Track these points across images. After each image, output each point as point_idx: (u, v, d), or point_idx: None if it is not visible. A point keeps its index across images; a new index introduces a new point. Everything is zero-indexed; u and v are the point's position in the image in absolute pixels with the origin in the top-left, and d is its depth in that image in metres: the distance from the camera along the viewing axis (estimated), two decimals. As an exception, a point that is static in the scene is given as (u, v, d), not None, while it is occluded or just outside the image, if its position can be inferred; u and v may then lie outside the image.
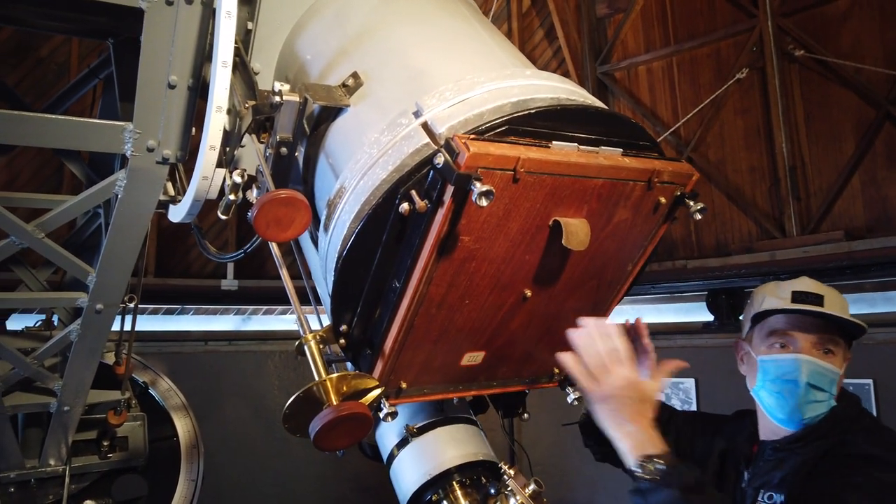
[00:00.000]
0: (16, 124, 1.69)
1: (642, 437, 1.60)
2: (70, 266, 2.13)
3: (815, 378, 1.93)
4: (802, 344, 1.97)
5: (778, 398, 1.99)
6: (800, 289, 2.01)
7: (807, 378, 1.93)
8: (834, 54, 5.51)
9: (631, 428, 1.60)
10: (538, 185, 1.37)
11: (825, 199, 5.53)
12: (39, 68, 5.73)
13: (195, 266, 6.36)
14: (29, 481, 3.02)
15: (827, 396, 1.94)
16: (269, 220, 1.38)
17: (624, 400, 1.61)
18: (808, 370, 1.94)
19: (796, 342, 1.98)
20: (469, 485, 1.75)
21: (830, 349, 1.98)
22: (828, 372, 1.94)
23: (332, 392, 1.37)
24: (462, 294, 1.49)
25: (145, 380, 3.79)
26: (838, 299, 2.02)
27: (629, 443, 1.60)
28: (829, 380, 1.94)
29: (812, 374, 1.93)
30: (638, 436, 1.60)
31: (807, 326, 1.98)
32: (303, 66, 1.87)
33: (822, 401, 1.94)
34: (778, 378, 1.98)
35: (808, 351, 1.96)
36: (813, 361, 1.94)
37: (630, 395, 1.61)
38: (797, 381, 1.94)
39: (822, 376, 1.94)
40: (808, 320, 1.98)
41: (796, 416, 1.96)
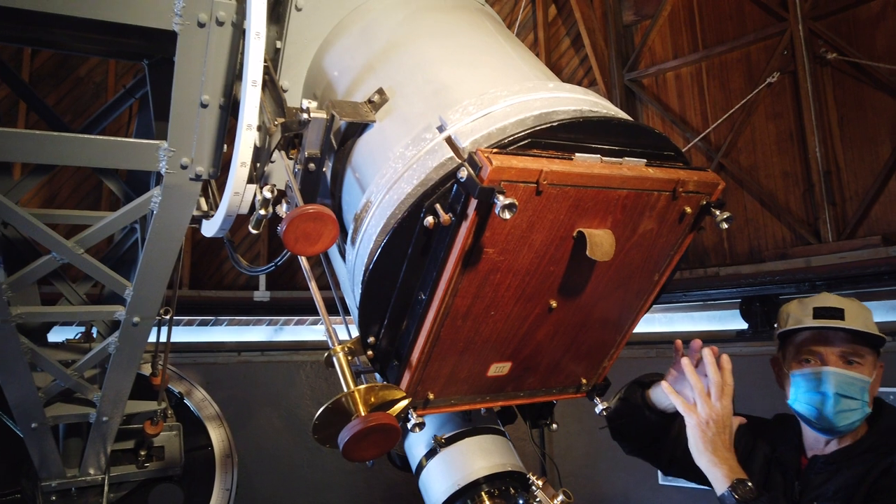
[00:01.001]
0: (57, 145, 1.75)
1: (733, 464, 1.81)
2: (108, 280, 2.20)
3: (844, 388, 2.04)
4: (828, 357, 2.10)
5: (811, 410, 2.09)
6: (821, 304, 2.14)
7: (836, 389, 2.04)
8: (867, 56, 5.41)
9: (724, 454, 1.81)
10: (562, 196, 1.38)
11: (861, 203, 5.41)
12: (78, 88, 5.92)
13: (228, 278, 6.48)
14: (70, 490, 3.11)
15: (859, 404, 2.04)
16: (298, 234, 1.41)
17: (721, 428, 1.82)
18: (835, 381, 2.05)
19: (822, 356, 2.11)
20: (498, 495, 1.76)
21: (855, 360, 2.09)
22: (855, 380, 2.05)
23: (360, 403, 1.39)
24: (487, 305, 1.50)
25: (181, 390, 3.87)
26: (860, 311, 2.13)
27: (724, 469, 1.81)
28: (859, 388, 2.05)
29: (840, 385, 2.04)
30: (730, 462, 1.81)
31: (830, 340, 2.11)
32: (330, 83, 1.91)
33: (854, 409, 2.04)
34: (810, 391, 2.10)
35: (834, 363, 2.08)
36: (839, 372, 2.06)
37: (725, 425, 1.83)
38: (827, 393, 2.06)
39: (851, 385, 2.04)
40: (831, 334, 2.10)
41: (831, 425, 2.06)
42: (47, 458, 2.92)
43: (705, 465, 1.82)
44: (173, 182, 1.82)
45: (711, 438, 1.82)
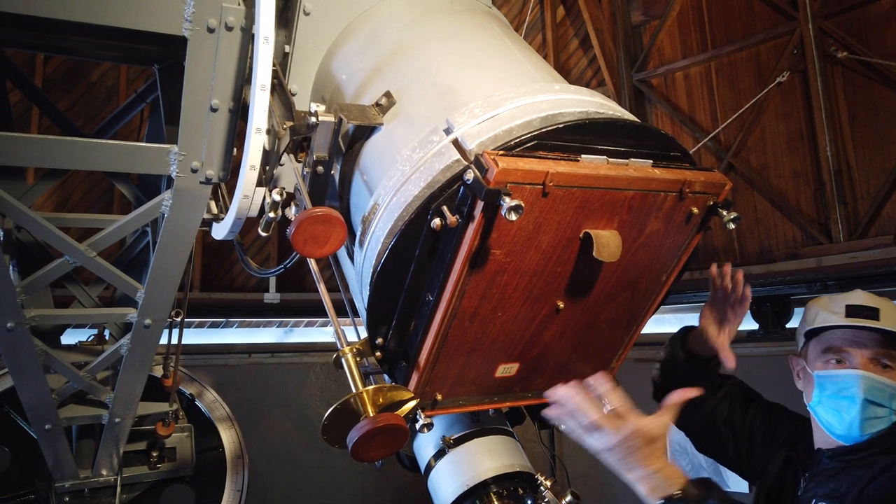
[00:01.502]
0: (70, 150, 1.78)
1: (657, 479, 1.58)
2: (120, 283, 2.22)
3: (873, 394, 1.89)
4: (859, 359, 1.94)
5: (836, 414, 1.95)
6: (854, 302, 1.98)
7: (864, 394, 1.89)
8: (878, 55, 5.38)
9: (643, 472, 1.59)
10: (568, 198, 1.38)
11: (873, 202, 5.37)
12: (90, 92, 5.98)
13: (238, 280, 6.52)
14: (83, 491, 3.13)
15: (888, 412, 1.90)
16: (307, 237, 1.42)
17: (629, 449, 1.59)
18: (865, 386, 1.90)
19: (852, 358, 1.95)
20: (506, 496, 1.77)
21: (888, 364, 1.93)
22: (887, 387, 1.90)
23: (368, 404, 1.40)
24: (495, 306, 1.51)
25: (192, 392, 3.90)
26: (894, 311, 1.97)
27: (646, 487, 1.60)
28: (889, 395, 1.90)
29: (870, 390, 1.90)
30: (652, 479, 1.59)
31: (863, 341, 1.94)
32: (338, 86, 1.93)
33: (881, 416, 1.90)
34: (835, 394, 1.95)
35: (865, 366, 1.92)
36: (870, 377, 1.90)
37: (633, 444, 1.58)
38: (854, 398, 1.91)
39: (881, 392, 1.90)
40: (863, 335, 1.94)
41: (855, 433, 1.92)
42: (60, 459, 2.95)
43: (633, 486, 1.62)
44: (184, 185, 1.84)
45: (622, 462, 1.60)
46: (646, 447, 1.59)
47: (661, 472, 1.58)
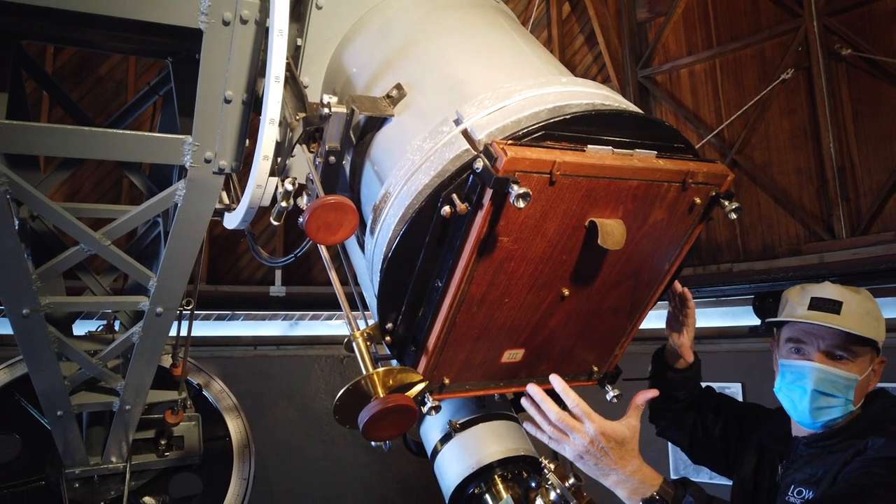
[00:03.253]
0: (87, 139, 1.82)
1: (634, 481, 1.65)
2: (133, 271, 2.26)
3: (823, 385, 1.99)
4: (814, 352, 2.03)
5: (790, 402, 2.07)
6: (820, 295, 2.06)
7: (813, 385, 1.99)
8: (882, 52, 5.40)
9: (618, 476, 1.66)
10: (574, 187, 1.42)
11: (875, 199, 5.40)
12: (98, 86, 6.03)
13: (245, 273, 6.57)
14: (92, 477, 3.18)
15: (840, 402, 1.98)
16: (320, 224, 1.46)
17: (599, 452, 1.64)
18: (815, 377, 2.00)
19: (809, 349, 2.05)
20: (511, 479, 1.81)
21: (843, 355, 2.01)
22: (839, 378, 1.98)
23: (379, 385, 1.45)
24: (502, 293, 1.55)
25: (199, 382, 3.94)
26: (862, 304, 2.04)
27: (624, 490, 1.67)
28: (842, 385, 1.98)
29: (820, 382, 1.99)
30: (630, 481, 1.66)
31: (821, 334, 2.03)
32: (349, 79, 1.97)
33: (834, 406, 1.99)
34: (791, 382, 2.06)
35: (820, 358, 2.02)
36: (821, 369, 2.00)
37: (603, 447, 1.64)
38: (805, 388, 2.01)
39: (833, 383, 1.98)
40: (821, 329, 2.02)
41: (808, 420, 2.03)
42: (71, 445, 3.00)
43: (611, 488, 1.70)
44: (197, 175, 1.88)
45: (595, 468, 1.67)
46: (617, 449, 1.65)
47: (636, 475, 1.66)
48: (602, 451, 1.64)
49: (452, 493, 1.85)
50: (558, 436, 1.67)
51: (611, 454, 1.65)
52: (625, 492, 1.67)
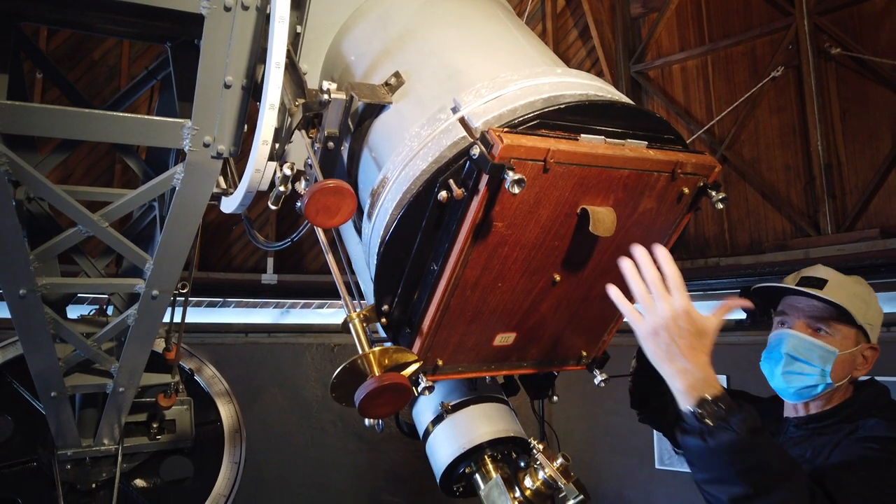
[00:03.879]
0: (87, 121, 1.84)
1: (698, 375, 1.52)
2: (131, 254, 2.28)
3: (797, 350, 2.07)
4: (794, 321, 2.12)
5: (769, 369, 2.16)
6: (808, 274, 2.15)
7: (786, 349, 2.08)
8: (871, 52, 5.48)
9: (685, 364, 1.52)
10: (567, 175, 1.47)
11: (861, 196, 5.49)
12: (92, 71, 6.01)
13: (237, 261, 6.58)
14: (84, 459, 3.20)
15: (816, 371, 2.05)
16: (319, 207, 1.50)
17: (676, 332, 1.52)
18: (790, 343, 2.08)
19: (790, 320, 2.14)
20: (500, 459, 1.86)
21: (823, 328, 2.08)
22: (813, 346, 2.06)
23: (374, 364, 1.49)
24: (495, 277, 1.59)
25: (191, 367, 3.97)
26: (847, 286, 2.10)
27: (684, 382, 1.53)
28: (817, 354, 2.05)
29: (794, 347, 2.07)
30: (694, 374, 1.52)
31: (802, 307, 2.12)
32: (348, 66, 2.00)
33: (807, 374, 2.06)
34: (770, 351, 2.15)
35: (799, 328, 2.10)
36: (795, 335, 2.08)
37: (683, 327, 1.52)
38: (780, 353, 2.10)
39: (807, 350, 2.06)
40: (803, 301, 2.11)
41: (782, 385, 2.11)
42: (64, 427, 3.02)
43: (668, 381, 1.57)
44: (196, 159, 1.90)
45: (671, 348, 1.53)
46: (695, 336, 1.52)
47: (702, 371, 1.52)
48: (680, 331, 1.52)
49: (443, 473, 1.90)
50: (646, 299, 1.56)
51: (687, 338, 1.52)
52: (684, 384, 1.52)
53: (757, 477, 1.51)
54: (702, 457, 1.55)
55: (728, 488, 1.54)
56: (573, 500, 1.74)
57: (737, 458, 1.51)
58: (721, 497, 1.57)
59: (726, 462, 1.52)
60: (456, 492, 1.95)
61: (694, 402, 1.54)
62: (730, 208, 6.31)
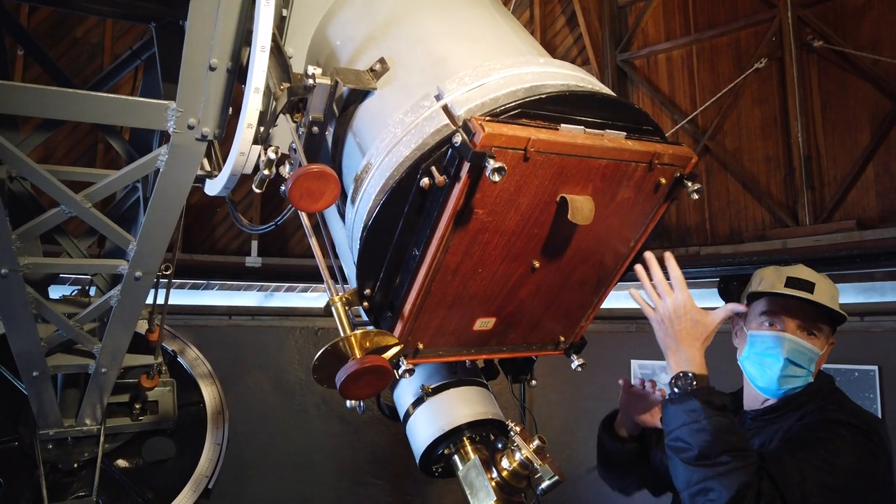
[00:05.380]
0: (71, 101, 1.83)
1: (685, 356, 1.87)
2: (114, 235, 2.28)
3: (795, 355, 2.13)
4: (788, 325, 2.18)
5: (760, 369, 2.20)
6: (795, 275, 2.21)
7: (787, 354, 2.14)
8: (852, 46, 5.54)
9: (676, 345, 1.88)
10: (547, 164, 1.50)
11: (839, 188, 5.58)
12: (74, 49, 5.92)
13: (221, 243, 6.56)
14: (66, 439, 3.21)
15: (805, 373, 2.14)
16: (303, 191, 1.51)
17: (676, 320, 1.88)
18: (789, 347, 2.14)
19: (783, 323, 2.19)
20: (479, 440, 1.91)
21: (814, 332, 2.17)
22: (808, 351, 2.14)
23: (356, 347, 1.52)
24: (475, 263, 1.62)
25: (174, 349, 3.98)
26: (829, 288, 2.20)
27: (673, 359, 1.89)
28: (808, 358, 2.14)
29: (792, 352, 2.14)
30: (683, 354, 1.88)
31: (794, 310, 2.18)
32: (333, 52, 2.01)
33: (799, 376, 2.15)
34: (762, 352, 2.19)
35: (793, 331, 2.16)
36: (795, 340, 2.15)
37: (681, 316, 1.88)
38: (778, 356, 2.15)
39: (802, 354, 2.14)
40: (796, 304, 2.17)
41: (773, 387, 2.17)
42: (46, 407, 3.02)
43: (668, 359, 1.92)
44: (180, 141, 1.90)
45: (670, 333, 1.89)
46: (689, 324, 1.88)
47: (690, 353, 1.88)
48: (679, 319, 1.89)
49: (423, 454, 1.94)
50: (654, 296, 1.94)
51: (684, 324, 1.89)
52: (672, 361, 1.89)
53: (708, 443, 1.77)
54: (668, 420, 1.87)
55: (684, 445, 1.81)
56: (548, 480, 1.79)
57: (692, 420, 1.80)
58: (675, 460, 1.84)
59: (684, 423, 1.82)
60: (435, 472, 1.99)
61: (673, 374, 1.89)
62: (711, 198, 6.38)
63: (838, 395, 2.16)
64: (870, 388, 4.83)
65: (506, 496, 1.81)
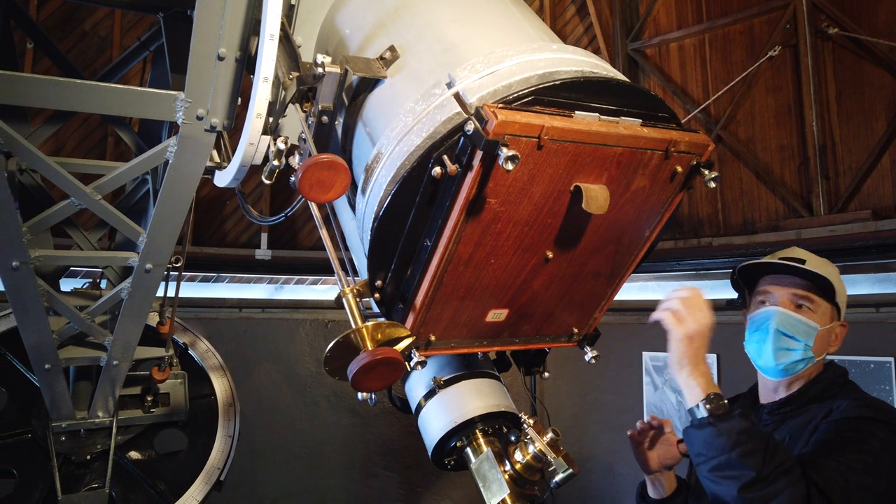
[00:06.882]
0: (80, 92, 1.82)
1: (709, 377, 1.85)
2: (124, 227, 2.28)
3: (785, 326, 2.11)
4: (778, 298, 2.16)
5: (756, 346, 2.18)
6: (786, 255, 2.21)
7: (775, 325, 2.11)
8: (868, 32, 5.44)
9: (702, 367, 1.85)
10: (561, 152, 1.47)
11: (854, 178, 5.50)
12: (83, 41, 5.92)
13: (231, 236, 6.56)
14: (79, 431, 3.22)
15: (801, 346, 2.10)
16: (313, 182, 1.49)
17: (701, 340, 1.85)
18: (778, 319, 2.12)
19: (773, 297, 2.17)
20: (491, 433, 1.89)
21: (805, 304, 2.14)
22: (799, 322, 2.11)
23: (367, 339, 1.50)
24: (488, 253, 1.60)
25: (185, 341, 3.98)
26: (823, 264, 2.18)
27: (700, 380, 1.83)
28: (802, 330, 2.11)
29: (782, 323, 2.11)
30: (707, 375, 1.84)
31: (784, 283, 2.16)
32: (342, 40, 1.98)
33: (794, 349, 2.11)
34: (756, 329, 2.18)
35: (783, 304, 2.14)
36: (782, 311, 2.12)
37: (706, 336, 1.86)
38: (767, 329, 2.13)
39: (793, 325, 2.11)
40: (785, 278, 2.16)
41: (771, 363, 2.14)
42: (58, 399, 3.03)
43: (684, 379, 1.85)
44: (189, 133, 1.89)
45: (693, 352, 1.84)
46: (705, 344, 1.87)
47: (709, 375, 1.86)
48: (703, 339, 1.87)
49: (435, 447, 1.93)
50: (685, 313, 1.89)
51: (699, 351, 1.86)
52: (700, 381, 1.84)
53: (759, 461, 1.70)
54: (710, 442, 1.76)
55: (734, 472, 1.71)
56: (562, 473, 1.77)
57: (742, 439, 1.72)
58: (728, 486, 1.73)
59: (732, 443, 1.72)
60: (447, 465, 1.98)
61: (704, 396, 1.81)
62: (724, 188, 6.31)
63: (852, 388, 2.13)
64: (886, 379, 4.77)
65: (519, 489, 1.79)
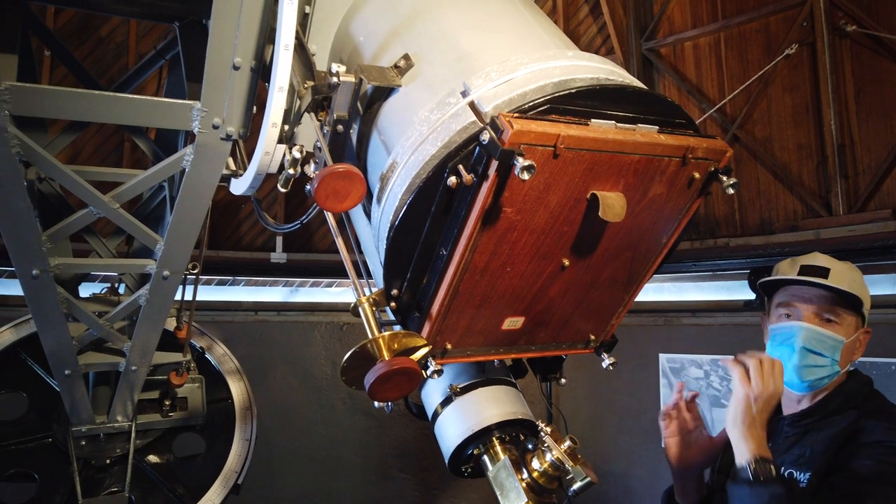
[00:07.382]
0: (97, 103, 1.84)
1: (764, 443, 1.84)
2: (142, 235, 2.30)
3: (812, 343, 2.08)
4: (804, 313, 2.12)
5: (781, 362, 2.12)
6: (808, 263, 2.15)
7: (803, 343, 2.08)
8: (887, 29, 5.37)
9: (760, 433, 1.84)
10: (577, 160, 1.46)
11: (874, 177, 5.42)
12: (99, 48, 5.99)
13: (246, 239, 6.61)
14: (98, 435, 3.26)
15: (828, 361, 2.08)
16: (329, 191, 1.49)
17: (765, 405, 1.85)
18: (804, 336, 2.09)
19: (798, 311, 2.13)
20: (508, 441, 1.88)
21: (831, 318, 2.10)
22: (826, 338, 2.08)
23: (384, 348, 1.50)
24: (504, 262, 1.59)
25: (202, 345, 4.01)
26: (847, 272, 2.13)
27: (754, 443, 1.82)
28: (829, 345, 2.08)
29: (808, 340, 2.08)
30: (762, 441, 1.84)
31: (809, 297, 2.12)
32: (356, 48, 1.99)
33: (821, 365, 2.08)
34: (781, 344, 2.14)
35: (809, 319, 2.11)
36: (809, 328, 2.09)
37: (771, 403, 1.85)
38: (793, 346, 2.10)
39: (820, 342, 2.08)
40: (810, 291, 2.12)
41: (796, 379, 2.10)
42: (78, 404, 3.06)
43: (736, 437, 1.85)
44: (205, 141, 1.90)
45: (753, 415, 1.84)
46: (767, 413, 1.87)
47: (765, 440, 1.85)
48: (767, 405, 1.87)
49: (452, 454, 1.92)
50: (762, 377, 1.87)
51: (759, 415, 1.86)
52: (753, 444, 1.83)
53: None
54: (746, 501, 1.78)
55: None
56: (580, 482, 1.76)
57: None
58: None
59: None
60: (465, 472, 1.97)
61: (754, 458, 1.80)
62: (741, 188, 6.25)
63: (878, 400, 2.09)
64: (907, 383, 4.71)
65: (536, 497, 1.78)
